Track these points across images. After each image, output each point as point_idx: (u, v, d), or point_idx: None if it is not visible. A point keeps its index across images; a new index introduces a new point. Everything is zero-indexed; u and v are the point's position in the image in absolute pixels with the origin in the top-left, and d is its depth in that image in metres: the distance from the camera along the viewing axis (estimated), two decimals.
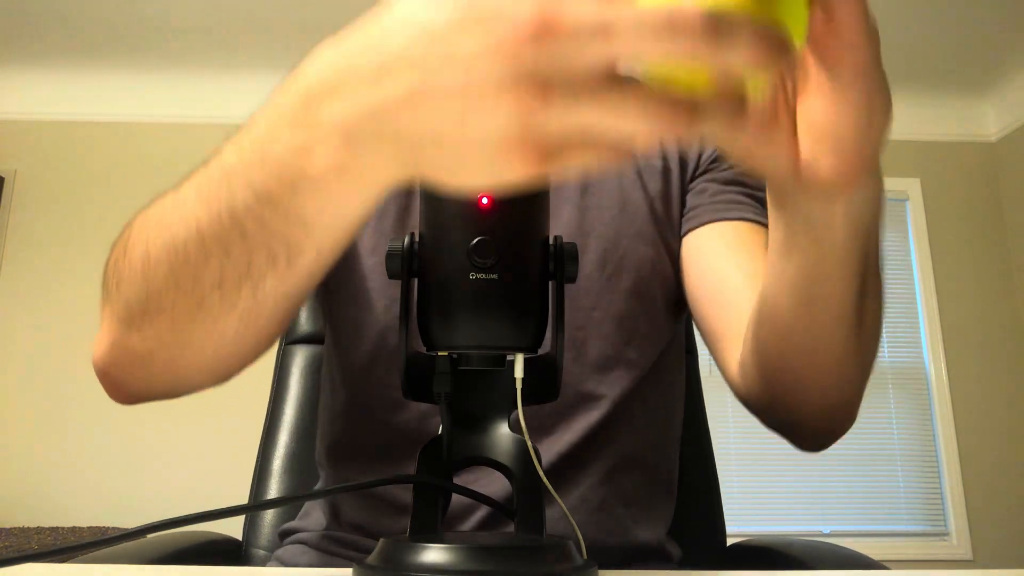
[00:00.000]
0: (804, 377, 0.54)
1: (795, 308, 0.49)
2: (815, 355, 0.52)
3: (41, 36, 2.92)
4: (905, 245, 3.30)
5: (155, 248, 0.42)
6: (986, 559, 2.95)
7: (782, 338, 0.53)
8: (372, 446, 0.65)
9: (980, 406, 3.13)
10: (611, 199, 0.68)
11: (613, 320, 0.65)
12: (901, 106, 3.35)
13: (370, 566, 0.38)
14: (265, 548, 0.84)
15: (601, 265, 0.66)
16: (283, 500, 0.58)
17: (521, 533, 0.42)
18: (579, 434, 0.63)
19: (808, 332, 0.50)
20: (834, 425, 0.60)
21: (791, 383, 0.56)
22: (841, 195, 0.40)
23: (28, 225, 3.08)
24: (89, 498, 2.81)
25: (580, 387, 0.64)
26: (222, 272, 0.39)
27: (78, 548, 0.37)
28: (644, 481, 0.67)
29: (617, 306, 0.66)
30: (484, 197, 0.38)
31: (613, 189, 0.69)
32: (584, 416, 0.64)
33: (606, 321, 0.65)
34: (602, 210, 0.68)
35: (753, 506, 2.94)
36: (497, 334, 0.39)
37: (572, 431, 0.63)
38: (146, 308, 0.44)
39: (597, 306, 0.65)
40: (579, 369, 0.64)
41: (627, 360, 0.66)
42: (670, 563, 0.68)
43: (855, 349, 0.50)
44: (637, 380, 0.66)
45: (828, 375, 0.53)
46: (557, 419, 0.63)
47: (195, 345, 0.45)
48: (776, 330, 0.52)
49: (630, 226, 0.67)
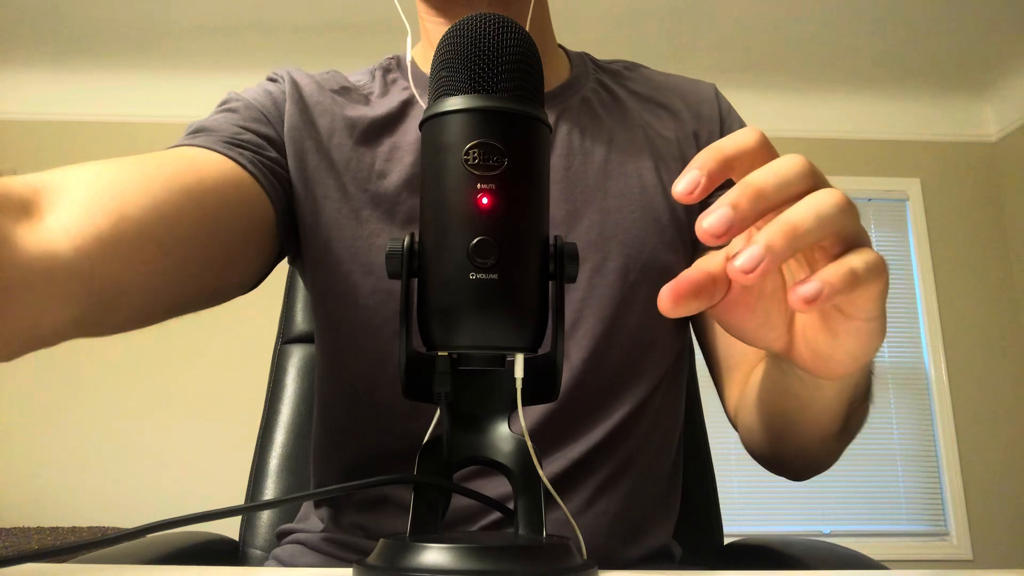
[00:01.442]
0: (788, 447, 0.60)
1: (782, 415, 0.55)
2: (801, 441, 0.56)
3: (41, 36, 2.92)
4: (905, 245, 3.30)
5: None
6: (986, 559, 2.95)
7: (769, 421, 0.58)
8: (367, 446, 0.65)
9: (980, 406, 3.13)
10: (633, 204, 0.67)
11: (631, 330, 0.64)
12: (901, 106, 3.36)
13: (370, 566, 0.38)
14: (262, 548, 0.84)
15: (624, 273, 0.64)
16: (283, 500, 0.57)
17: (521, 533, 0.42)
18: (591, 444, 0.63)
19: (793, 430, 0.55)
20: (819, 467, 0.64)
21: (778, 446, 0.61)
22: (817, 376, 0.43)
23: None
24: (89, 498, 2.81)
25: (598, 398, 0.63)
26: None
27: (78, 548, 0.37)
28: (648, 488, 0.67)
29: (636, 316, 0.65)
30: (484, 197, 0.38)
31: (635, 194, 0.67)
32: (598, 427, 0.63)
33: (625, 330, 0.64)
34: (624, 213, 0.66)
35: (753, 506, 2.94)
36: (497, 334, 0.39)
37: (585, 441, 0.63)
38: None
39: (618, 316, 0.64)
40: (598, 380, 0.63)
41: (642, 371, 0.65)
42: (672, 562, 0.68)
43: (839, 442, 0.55)
44: (649, 390, 0.65)
45: (813, 453, 0.58)
46: (573, 429, 0.63)
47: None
48: (763, 415, 0.58)
49: (653, 232, 0.66)
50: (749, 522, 2.95)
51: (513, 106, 0.39)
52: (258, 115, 0.66)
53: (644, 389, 0.65)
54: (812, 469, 0.62)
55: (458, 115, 0.39)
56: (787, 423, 0.55)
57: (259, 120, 0.65)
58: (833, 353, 0.40)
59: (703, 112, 0.74)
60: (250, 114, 0.65)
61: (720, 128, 0.73)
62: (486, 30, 0.40)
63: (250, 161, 0.60)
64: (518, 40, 0.40)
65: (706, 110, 0.74)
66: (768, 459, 0.64)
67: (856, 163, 3.33)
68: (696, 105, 0.74)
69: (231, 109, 0.65)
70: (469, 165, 0.38)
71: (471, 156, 0.38)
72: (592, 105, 0.72)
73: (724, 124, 0.74)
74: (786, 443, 0.58)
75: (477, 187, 0.38)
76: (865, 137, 3.37)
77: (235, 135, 0.62)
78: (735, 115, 0.76)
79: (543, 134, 0.41)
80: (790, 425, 0.55)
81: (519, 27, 0.41)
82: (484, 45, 0.39)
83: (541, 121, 0.41)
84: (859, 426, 0.54)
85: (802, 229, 0.33)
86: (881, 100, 3.34)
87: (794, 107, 3.35)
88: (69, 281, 0.42)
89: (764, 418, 0.58)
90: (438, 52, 0.41)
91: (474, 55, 0.39)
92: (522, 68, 0.40)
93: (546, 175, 0.41)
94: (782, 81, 3.24)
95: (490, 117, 0.39)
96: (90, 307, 0.45)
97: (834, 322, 0.39)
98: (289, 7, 2.77)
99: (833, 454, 0.58)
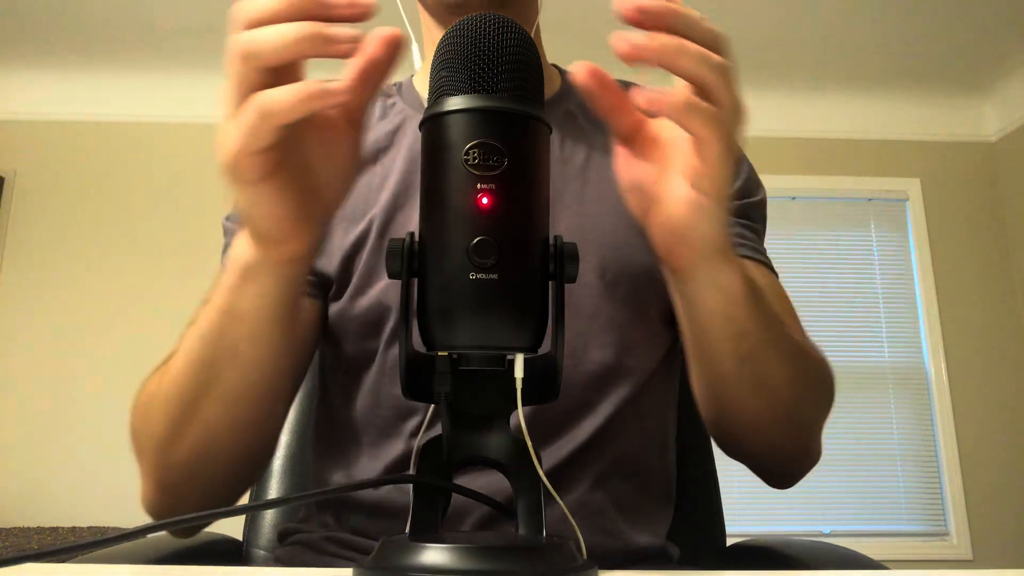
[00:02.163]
0: (720, 424, 0.61)
1: (696, 368, 0.57)
2: (720, 409, 0.58)
3: (41, 36, 2.93)
4: (905, 245, 3.30)
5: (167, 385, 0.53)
6: (986, 559, 2.95)
7: (698, 388, 0.59)
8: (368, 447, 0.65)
9: (980, 406, 3.13)
10: (611, 207, 0.67)
11: (613, 328, 0.65)
12: (901, 106, 3.35)
13: (370, 566, 0.38)
14: (265, 548, 0.84)
15: (601, 273, 0.65)
16: (284, 500, 0.57)
17: (521, 533, 0.42)
18: (578, 442, 0.63)
19: (709, 388, 0.57)
20: (784, 468, 0.65)
21: (716, 427, 0.63)
22: (689, 278, 0.48)
23: (28, 225, 3.08)
24: (89, 498, 2.81)
25: (580, 395, 0.64)
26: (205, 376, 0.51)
27: (78, 548, 0.37)
28: (639, 487, 0.67)
29: (616, 314, 0.65)
30: (484, 197, 0.38)
31: (613, 198, 0.67)
32: (583, 425, 0.63)
33: (606, 330, 0.65)
34: (601, 217, 0.67)
35: (753, 506, 2.94)
36: (497, 334, 0.39)
37: (571, 439, 0.63)
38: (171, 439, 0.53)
39: (597, 314, 0.65)
40: (579, 377, 0.64)
41: (625, 368, 0.65)
42: (670, 563, 0.68)
43: (761, 408, 0.56)
44: (635, 388, 0.66)
45: (738, 427, 0.59)
46: (557, 427, 0.63)
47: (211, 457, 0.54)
48: (696, 380, 0.59)
49: (631, 234, 0.66)
50: (749, 522, 2.95)
51: (513, 106, 0.39)
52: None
53: (630, 387, 0.65)
54: (760, 457, 0.63)
55: (458, 115, 0.39)
56: (700, 383, 0.57)
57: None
58: (685, 230, 0.44)
59: None
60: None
61: None
62: (486, 30, 0.40)
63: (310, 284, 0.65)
64: (518, 40, 0.40)
65: None
66: (719, 433, 0.64)
67: (856, 163, 3.32)
68: None
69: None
70: (469, 165, 0.38)
71: (471, 156, 0.38)
72: (575, 118, 0.73)
73: None
74: (723, 404, 0.58)
75: (477, 187, 0.38)
76: (865, 137, 3.37)
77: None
78: None
79: (543, 134, 0.41)
80: (702, 385, 0.56)
81: (519, 27, 0.41)
82: (484, 45, 0.39)
83: (541, 121, 0.41)
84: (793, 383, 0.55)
85: (687, 49, 0.38)
86: (881, 100, 3.34)
87: (794, 107, 3.34)
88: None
89: (695, 373, 0.58)
90: (438, 52, 0.41)
91: (474, 55, 0.39)
92: (522, 68, 0.40)
93: (546, 175, 0.41)
94: (782, 81, 3.24)
95: (490, 117, 0.39)
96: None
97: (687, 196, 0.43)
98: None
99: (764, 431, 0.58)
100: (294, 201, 0.42)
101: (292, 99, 0.37)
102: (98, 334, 2.95)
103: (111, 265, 3.04)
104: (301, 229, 0.43)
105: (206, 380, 0.50)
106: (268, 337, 0.49)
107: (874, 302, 3.23)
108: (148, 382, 0.59)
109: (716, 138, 0.39)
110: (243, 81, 0.37)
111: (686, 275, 0.48)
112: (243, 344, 0.49)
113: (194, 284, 2.95)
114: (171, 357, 0.57)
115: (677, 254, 0.46)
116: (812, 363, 0.59)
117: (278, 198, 0.41)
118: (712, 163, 0.40)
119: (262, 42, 0.37)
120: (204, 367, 0.50)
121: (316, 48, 0.37)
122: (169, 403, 0.53)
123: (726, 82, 0.39)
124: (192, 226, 3.05)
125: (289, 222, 0.42)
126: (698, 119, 0.39)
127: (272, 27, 0.37)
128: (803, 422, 0.59)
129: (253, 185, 0.40)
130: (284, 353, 0.52)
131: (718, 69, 0.39)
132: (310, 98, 0.37)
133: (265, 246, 0.44)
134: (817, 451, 0.65)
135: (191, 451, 0.54)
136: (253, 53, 0.37)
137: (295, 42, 0.36)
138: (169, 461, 0.55)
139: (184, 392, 0.52)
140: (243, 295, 0.47)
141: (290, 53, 0.37)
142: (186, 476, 0.55)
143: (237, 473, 0.59)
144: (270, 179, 0.40)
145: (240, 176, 0.40)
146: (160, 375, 0.57)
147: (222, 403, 0.51)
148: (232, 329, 0.48)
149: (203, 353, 0.50)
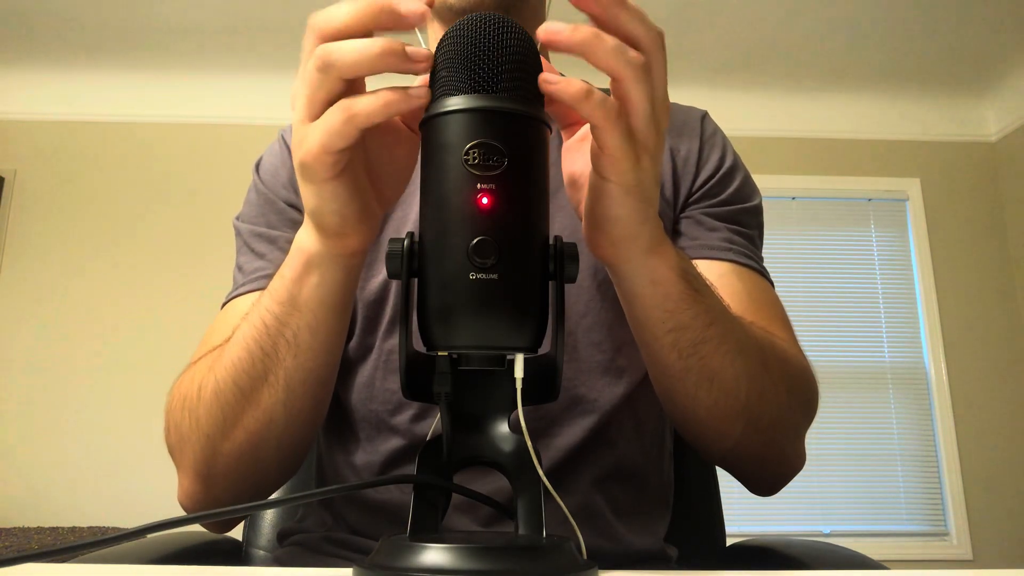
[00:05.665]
0: (676, 420, 0.61)
1: (646, 361, 0.57)
2: (671, 403, 0.59)
3: (41, 36, 2.93)
4: (905, 245, 3.30)
5: (221, 375, 0.54)
6: (986, 559, 2.95)
7: (653, 383, 0.59)
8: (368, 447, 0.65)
9: (980, 406, 3.13)
10: None
11: (603, 327, 0.65)
12: (901, 106, 3.35)
13: (370, 566, 0.38)
14: (265, 548, 0.84)
15: (593, 272, 0.66)
16: (283, 500, 0.58)
17: (521, 533, 0.42)
18: (571, 440, 0.63)
19: (657, 382, 0.58)
20: (761, 473, 0.66)
21: (676, 424, 0.62)
22: (618, 271, 0.49)
23: (28, 225, 3.08)
24: (89, 498, 2.81)
25: (573, 391, 0.64)
26: (264, 365, 0.52)
27: (78, 548, 0.37)
28: (636, 491, 0.67)
29: (608, 314, 0.66)
30: (484, 197, 0.38)
31: None
32: (577, 422, 0.64)
33: (596, 328, 0.65)
34: None
35: (753, 506, 2.94)
36: (497, 334, 0.39)
37: (565, 436, 0.63)
38: (224, 428, 0.55)
39: (588, 313, 0.66)
40: (571, 373, 0.64)
41: (617, 368, 0.66)
42: (668, 564, 0.68)
43: (711, 403, 0.55)
44: (628, 389, 0.66)
45: (695, 424, 0.59)
46: (550, 423, 0.63)
47: (265, 444, 0.55)
48: (650, 375, 0.59)
49: None
50: (749, 522, 2.94)
51: (513, 106, 0.39)
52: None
53: (624, 386, 0.65)
54: (729, 463, 0.64)
55: (458, 115, 0.39)
56: (649, 361, 0.57)
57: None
58: (599, 220, 0.45)
59: (684, 132, 0.75)
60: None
61: (700, 148, 0.74)
62: (486, 30, 0.40)
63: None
64: (518, 40, 0.40)
65: (688, 129, 0.75)
66: (683, 432, 0.63)
67: (856, 163, 3.32)
68: (679, 125, 0.75)
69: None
70: (469, 165, 0.38)
71: (471, 156, 0.38)
72: None
73: (704, 145, 0.74)
74: (672, 397, 0.58)
75: (477, 187, 0.38)
76: (865, 137, 3.37)
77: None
78: (718, 139, 0.76)
79: (543, 134, 0.41)
80: (653, 361, 0.56)
81: (519, 27, 0.41)
82: (484, 45, 0.39)
83: (541, 121, 0.40)
84: (736, 381, 0.54)
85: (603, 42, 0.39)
86: (881, 100, 3.34)
87: (794, 107, 3.34)
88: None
89: (647, 367, 0.58)
90: (438, 52, 0.41)
91: (474, 55, 0.39)
92: (522, 68, 0.40)
93: (546, 175, 0.41)
94: (782, 81, 3.24)
95: (490, 117, 0.39)
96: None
97: (592, 182, 0.44)
98: (290, 8, 2.77)
99: (715, 429, 0.58)
100: (359, 197, 0.45)
101: (378, 105, 0.39)
102: (98, 334, 2.95)
103: (111, 265, 3.04)
104: (363, 224, 0.46)
105: (264, 369, 0.52)
106: (326, 326, 0.51)
107: (874, 302, 3.23)
108: (184, 377, 0.60)
109: (611, 127, 0.40)
110: (321, 88, 0.40)
111: (614, 268, 0.49)
112: (304, 333, 0.51)
113: (194, 284, 2.96)
114: (208, 353, 0.59)
115: (597, 244, 0.47)
116: (779, 363, 0.59)
117: (346, 195, 0.43)
118: (610, 151, 0.41)
119: (346, 56, 0.39)
120: (264, 355, 0.52)
121: (396, 66, 0.39)
122: (224, 392, 0.54)
123: (638, 78, 0.40)
124: (192, 226, 3.05)
125: (354, 217, 0.45)
126: (591, 108, 0.39)
127: (354, 42, 0.39)
128: (773, 423, 0.58)
129: (326, 182, 0.42)
130: (339, 343, 0.54)
131: (631, 65, 0.39)
132: (395, 104, 0.39)
133: (330, 239, 0.46)
134: (797, 457, 0.64)
135: (245, 440, 0.55)
136: (335, 65, 0.39)
137: (378, 58, 0.39)
138: (219, 450, 0.55)
139: (242, 380, 0.53)
140: (305, 285, 0.49)
141: (370, 68, 0.39)
142: (234, 466, 0.56)
143: (284, 461, 0.59)
144: (341, 177, 0.42)
145: (315, 174, 0.42)
146: (198, 370, 0.58)
147: (282, 390, 0.53)
148: (294, 318, 0.50)
149: (263, 342, 0.52)
